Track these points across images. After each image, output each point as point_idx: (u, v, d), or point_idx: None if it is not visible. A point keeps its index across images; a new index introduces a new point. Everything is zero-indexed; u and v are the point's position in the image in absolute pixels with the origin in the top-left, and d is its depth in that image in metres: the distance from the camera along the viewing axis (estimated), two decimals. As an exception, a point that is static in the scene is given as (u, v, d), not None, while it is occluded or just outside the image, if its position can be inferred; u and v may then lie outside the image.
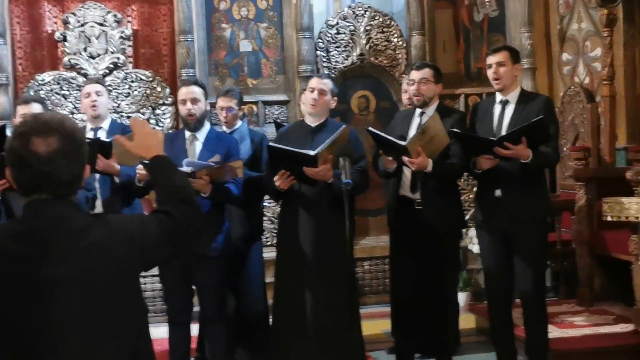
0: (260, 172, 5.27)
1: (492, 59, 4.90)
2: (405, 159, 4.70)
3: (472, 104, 7.34)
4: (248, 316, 5.34)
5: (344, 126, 4.79)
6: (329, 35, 7.32)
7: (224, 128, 5.40)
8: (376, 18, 7.38)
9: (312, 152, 4.54)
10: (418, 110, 5.16)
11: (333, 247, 4.73)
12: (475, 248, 6.69)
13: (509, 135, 4.62)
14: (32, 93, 6.77)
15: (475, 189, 5.45)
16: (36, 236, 2.16)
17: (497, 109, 4.94)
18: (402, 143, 4.72)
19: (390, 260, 5.41)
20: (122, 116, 6.95)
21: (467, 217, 6.96)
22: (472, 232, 6.73)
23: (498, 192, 4.81)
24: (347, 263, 4.47)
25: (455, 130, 4.84)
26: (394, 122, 5.37)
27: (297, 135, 4.97)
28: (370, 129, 4.86)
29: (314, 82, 4.99)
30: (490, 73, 4.92)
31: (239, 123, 5.49)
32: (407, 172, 5.04)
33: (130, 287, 2.28)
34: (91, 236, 2.20)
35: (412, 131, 5.04)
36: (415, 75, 5.11)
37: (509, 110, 4.89)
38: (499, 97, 4.95)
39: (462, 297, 6.74)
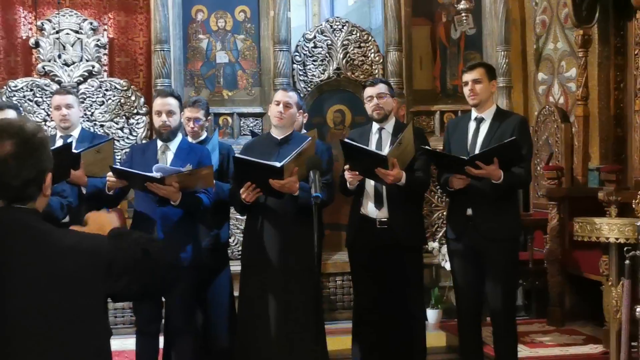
0: (226, 183, 5.26)
1: (468, 76, 4.91)
2: (381, 170, 4.68)
3: (447, 121, 7.36)
4: (215, 329, 5.30)
5: (309, 138, 4.79)
6: (306, 48, 7.30)
7: (190, 138, 5.37)
8: (354, 33, 7.37)
9: (278, 164, 4.53)
10: (375, 127, 5.15)
11: (299, 260, 4.73)
12: (447, 265, 6.67)
13: (481, 155, 4.63)
14: (4, 99, 6.69)
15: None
16: None
17: (472, 125, 4.95)
18: (383, 153, 4.71)
19: (353, 278, 5.39)
20: (95, 125, 6.89)
21: (440, 235, 7.04)
22: (445, 249, 6.72)
23: (469, 211, 4.82)
24: (314, 276, 4.45)
25: (427, 147, 4.86)
26: (350, 139, 5.30)
27: (263, 147, 4.97)
28: (347, 140, 4.85)
29: (280, 95, 4.99)
30: (466, 90, 4.93)
31: (204, 134, 5.47)
32: (369, 190, 5.03)
33: (88, 303, 2.22)
34: (53, 241, 2.18)
35: (372, 147, 5.03)
36: (371, 91, 5.12)
37: (484, 127, 4.90)
38: (474, 113, 4.96)
39: (433, 315, 6.73)
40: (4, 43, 7.02)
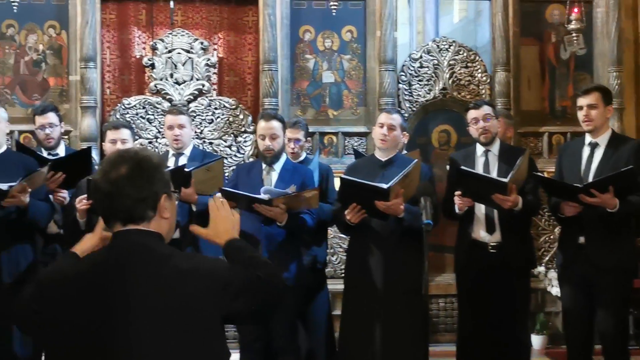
0: (325, 203, 5.28)
1: (583, 101, 4.80)
2: (499, 197, 4.62)
3: (555, 143, 7.21)
4: (314, 349, 5.32)
5: (415, 161, 4.75)
6: (412, 68, 7.29)
7: (290, 159, 5.42)
8: (460, 53, 7.33)
9: (384, 186, 4.52)
10: (480, 149, 5.09)
11: (404, 282, 4.69)
12: (554, 290, 6.54)
13: (596, 183, 4.51)
14: (118, 116, 6.92)
15: (557, 230, 5.33)
16: (116, 262, 2.26)
17: (586, 151, 4.83)
18: (504, 180, 4.64)
19: (459, 301, 5.33)
20: (204, 142, 7.04)
21: (547, 259, 6.89)
22: (552, 274, 6.58)
23: (582, 239, 4.70)
24: (420, 299, 4.40)
25: (539, 174, 4.77)
26: (453, 162, 5.24)
27: (367, 168, 4.97)
28: (464, 167, 4.79)
29: (383, 118, 4.99)
30: (580, 115, 4.82)
31: (303, 155, 5.52)
32: (479, 214, 4.97)
33: (207, 325, 2.27)
34: (172, 264, 2.26)
35: (479, 170, 4.97)
36: (475, 113, 5.05)
37: (598, 153, 4.77)
38: (588, 138, 4.85)
39: (538, 341, 6.59)
40: (118, 62, 7.26)
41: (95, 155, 6.50)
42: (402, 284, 4.70)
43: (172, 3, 6.96)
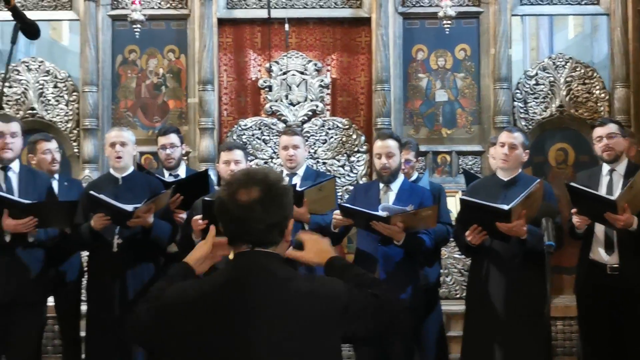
0: (439, 224, 5.23)
1: None
2: (610, 215, 4.49)
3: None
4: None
5: (537, 180, 4.65)
6: (528, 86, 7.19)
7: None
8: (577, 69, 7.18)
9: (505, 207, 4.44)
10: (606, 168, 4.94)
11: (526, 305, 4.58)
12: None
13: None
14: (234, 137, 7.09)
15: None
16: (239, 284, 2.28)
17: None
18: (612, 198, 4.51)
19: (580, 324, 5.18)
20: (318, 162, 7.12)
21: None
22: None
23: None
24: (544, 324, 4.30)
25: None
26: (579, 181, 5.09)
27: (489, 189, 4.87)
28: (573, 184, 4.68)
29: (504, 137, 4.88)
30: None
31: (415, 175, 5.50)
32: (599, 234, 4.82)
33: (327, 346, 2.29)
34: (293, 287, 2.28)
35: (602, 191, 4.82)
36: (600, 131, 4.91)
37: None
38: None
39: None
40: (235, 84, 7.44)
41: (213, 175, 6.67)
42: (525, 306, 4.59)
43: (287, 26, 7.09)
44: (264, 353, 2.20)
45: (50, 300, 5.33)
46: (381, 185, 5.07)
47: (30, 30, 3.81)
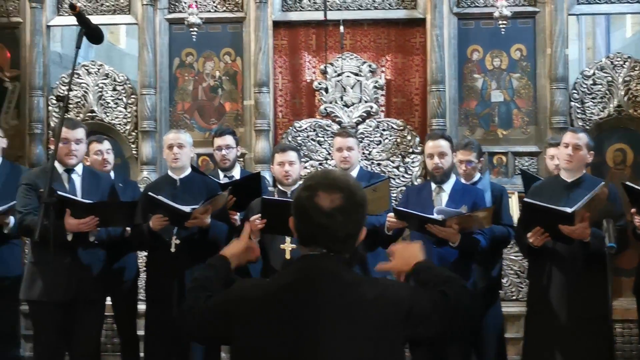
0: (499, 226, 5.21)
1: None
2: None
3: None
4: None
5: (602, 183, 4.59)
6: (585, 85, 7.09)
7: (462, 180, 5.38)
8: (636, 69, 7.05)
9: (568, 210, 4.39)
10: None
11: (588, 308, 4.53)
12: None
13: None
14: (289, 139, 7.14)
15: None
16: (307, 286, 2.28)
17: None
18: None
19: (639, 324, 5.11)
20: (372, 163, 7.13)
21: None
22: None
23: None
24: (607, 327, 4.24)
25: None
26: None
27: (552, 190, 4.82)
28: (628, 183, 4.61)
29: (568, 137, 4.83)
30: None
31: (477, 176, 5.46)
32: None
33: (391, 351, 2.28)
34: (359, 293, 2.27)
35: None
36: None
37: None
38: None
39: None
40: (290, 86, 7.49)
41: (268, 177, 6.74)
42: (587, 309, 4.55)
43: (341, 28, 7.10)
44: (328, 356, 2.21)
45: (108, 299, 5.43)
46: (433, 185, 5.07)
47: (95, 35, 3.89)
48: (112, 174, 5.87)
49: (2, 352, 5.84)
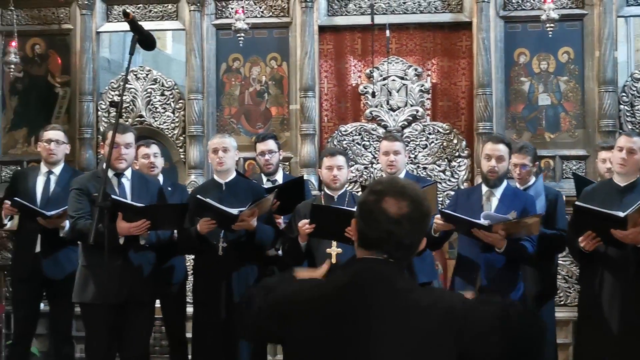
0: (554, 231, 5.15)
1: None
2: None
3: None
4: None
5: None
6: (635, 88, 7.00)
7: (517, 184, 5.34)
8: (686, 71, 6.95)
9: (620, 213, 4.34)
10: None
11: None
12: None
13: None
14: (335, 143, 7.17)
15: None
16: (359, 290, 2.28)
17: None
18: None
19: None
20: (418, 167, 7.12)
21: None
22: None
23: None
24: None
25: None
26: None
27: (604, 194, 4.77)
28: None
29: (623, 141, 4.78)
30: None
31: (532, 180, 5.41)
32: None
33: None
34: (413, 299, 2.26)
35: None
36: None
37: None
38: None
39: None
40: (335, 90, 7.51)
41: (314, 181, 6.76)
42: (639, 315, 4.49)
43: (387, 32, 7.11)
44: None
45: (157, 302, 5.50)
46: (484, 190, 5.04)
47: (147, 41, 3.95)
48: (160, 178, 5.93)
49: (57, 353, 5.96)
